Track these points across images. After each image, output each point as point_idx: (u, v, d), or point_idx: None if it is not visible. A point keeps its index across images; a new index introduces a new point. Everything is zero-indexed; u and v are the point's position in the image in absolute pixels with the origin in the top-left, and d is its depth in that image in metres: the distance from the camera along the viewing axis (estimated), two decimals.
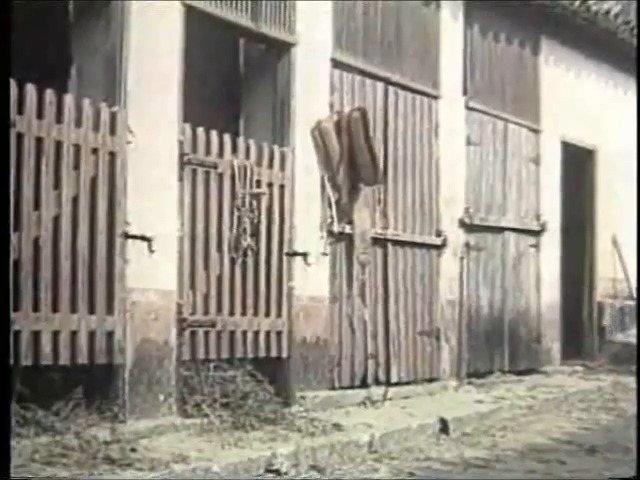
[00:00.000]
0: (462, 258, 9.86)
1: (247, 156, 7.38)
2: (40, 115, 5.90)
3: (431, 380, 9.37)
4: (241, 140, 7.46)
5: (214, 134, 7.21)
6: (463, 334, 9.82)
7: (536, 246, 11.23)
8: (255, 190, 7.37)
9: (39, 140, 5.90)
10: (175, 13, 6.76)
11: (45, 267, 5.92)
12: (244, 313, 7.32)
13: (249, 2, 7.43)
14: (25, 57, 6.09)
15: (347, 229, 8.31)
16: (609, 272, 12.69)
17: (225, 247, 7.19)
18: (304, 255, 7.76)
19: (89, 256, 6.17)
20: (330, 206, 8.14)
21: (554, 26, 11.16)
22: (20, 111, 5.77)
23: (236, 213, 7.24)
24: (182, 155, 6.86)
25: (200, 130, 7.13)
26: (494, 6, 10.21)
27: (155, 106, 6.59)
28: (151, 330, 6.54)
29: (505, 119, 10.72)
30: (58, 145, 6.02)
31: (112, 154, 6.33)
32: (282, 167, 7.68)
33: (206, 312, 7.04)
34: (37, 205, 5.90)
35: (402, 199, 9.10)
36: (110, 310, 6.29)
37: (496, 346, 10.44)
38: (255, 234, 7.39)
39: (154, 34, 6.62)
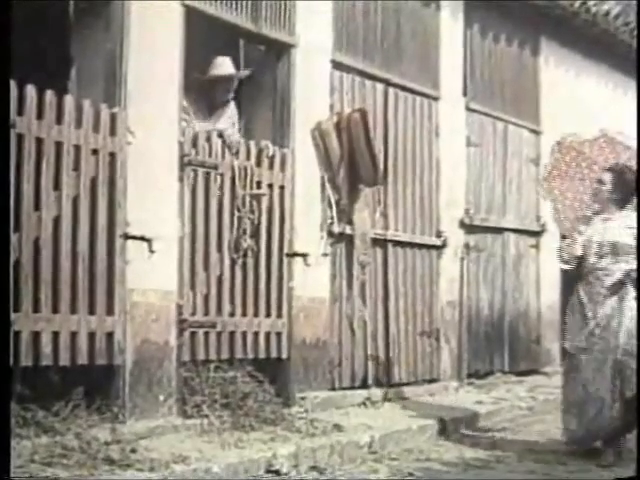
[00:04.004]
0: (462, 259, 9.86)
1: (247, 157, 7.39)
2: (40, 116, 5.90)
3: (431, 381, 9.37)
4: (241, 141, 7.47)
5: (214, 135, 7.21)
6: (463, 335, 9.82)
7: (536, 247, 11.24)
8: (255, 191, 7.37)
9: (39, 141, 5.90)
10: (175, 14, 6.77)
11: (45, 268, 5.93)
12: (244, 314, 7.33)
13: (249, 3, 7.43)
14: (25, 58, 6.09)
15: (347, 230, 8.31)
16: None
17: (225, 248, 7.19)
18: (304, 256, 7.76)
19: (89, 257, 6.18)
20: (330, 207, 8.14)
21: (554, 27, 11.17)
22: (20, 112, 5.77)
23: (236, 214, 7.25)
24: (182, 156, 6.86)
25: (200, 131, 7.13)
26: (494, 7, 10.22)
27: (155, 107, 6.59)
28: (151, 331, 6.55)
29: (505, 120, 10.72)
30: (58, 146, 6.02)
31: (112, 155, 6.33)
32: (282, 168, 7.68)
33: (206, 313, 7.04)
34: (37, 206, 5.90)
35: (402, 200, 9.11)
36: (110, 311, 6.29)
37: (496, 347, 10.44)
38: (255, 235, 7.39)
39: (154, 35, 6.62)
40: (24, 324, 5.75)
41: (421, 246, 9.34)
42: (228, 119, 7.75)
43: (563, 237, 7.56)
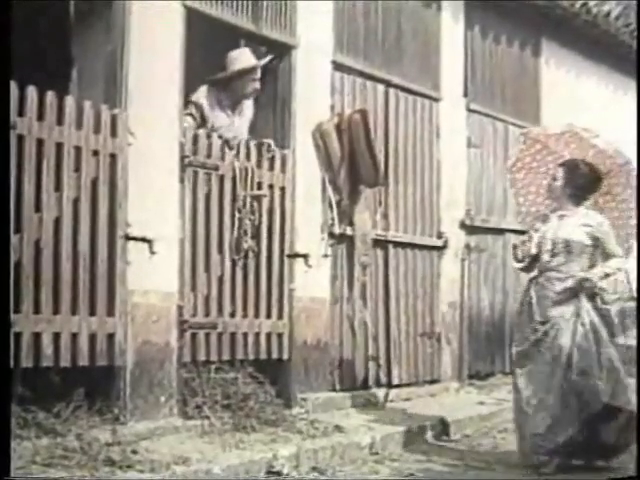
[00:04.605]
0: (463, 260, 9.85)
1: (248, 158, 7.39)
2: (41, 117, 5.90)
3: (432, 382, 9.36)
4: (242, 142, 7.47)
5: (215, 136, 7.21)
6: (464, 336, 9.81)
7: None
8: (256, 192, 7.37)
9: (40, 142, 5.90)
10: (176, 15, 6.77)
11: (46, 269, 5.93)
12: (245, 315, 7.32)
13: (250, 4, 7.43)
14: (26, 59, 6.09)
15: (348, 231, 8.30)
16: None
17: (226, 249, 7.19)
18: (305, 257, 7.76)
19: (90, 258, 6.17)
20: (331, 208, 8.14)
21: (554, 28, 11.16)
22: (21, 113, 5.77)
23: (237, 215, 7.25)
24: (183, 157, 6.86)
25: (201, 132, 7.14)
26: (495, 8, 10.22)
27: (156, 107, 6.59)
28: (152, 332, 6.54)
29: (506, 121, 10.71)
30: (59, 147, 6.02)
31: (113, 156, 6.33)
32: (283, 169, 7.68)
33: (207, 314, 7.04)
34: (38, 207, 5.90)
35: (403, 201, 9.10)
36: (111, 312, 6.29)
37: (497, 348, 10.41)
38: (256, 236, 7.39)
39: (155, 36, 6.62)
40: (25, 325, 5.75)
41: (422, 247, 9.33)
42: (248, 119, 7.75)
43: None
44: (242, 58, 7.61)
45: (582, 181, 6.88)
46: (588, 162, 6.93)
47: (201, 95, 7.46)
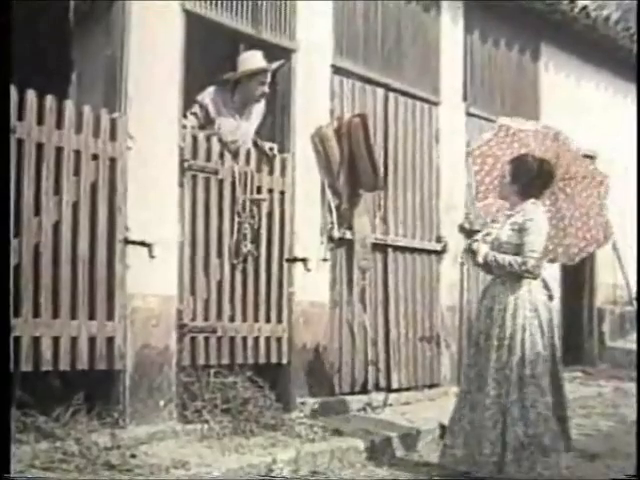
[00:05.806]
0: (462, 264, 9.84)
1: (248, 162, 7.39)
2: (40, 121, 5.91)
3: (431, 386, 9.35)
4: (242, 146, 7.47)
5: (214, 140, 7.22)
6: (463, 340, 9.80)
7: None
8: (255, 196, 7.37)
9: (39, 146, 5.92)
10: (175, 19, 6.77)
11: (45, 273, 5.93)
12: (244, 319, 7.32)
13: (250, 8, 7.44)
14: (26, 62, 6.10)
15: (347, 235, 8.30)
16: (609, 278, 12.68)
17: (225, 253, 7.19)
18: (304, 261, 7.76)
19: (89, 262, 6.18)
20: (330, 212, 8.14)
21: (554, 32, 11.17)
22: (20, 117, 5.78)
23: (236, 219, 7.25)
24: (182, 161, 6.86)
25: (201, 136, 7.14)
26: (494, 12, 10.22)
27: (155, 112, 6.60)
28: (151, 336, 6.55)
29: None
30: (58, 151, 6.03)
31: (112, 160, 6.33)
32: (282, 173, 7.69)
33: (206, 318, 7.04)
34: (37, 211, 5.91)
35: (402, 205, 9.10)
36: (110, 316, 6.29)
37: None
38: (255, 240, 7.39)
39: (155, 40, 6.62)
40: (24, 329, 5.76)
41: (421, 251, 9.33)
42: (256, 120, 7.75)
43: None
44: (252, 60, 7.58)
45: (526, 178, 6.49)
46: (538, 157, 6.58)
47: (207, 95, 7.47)
